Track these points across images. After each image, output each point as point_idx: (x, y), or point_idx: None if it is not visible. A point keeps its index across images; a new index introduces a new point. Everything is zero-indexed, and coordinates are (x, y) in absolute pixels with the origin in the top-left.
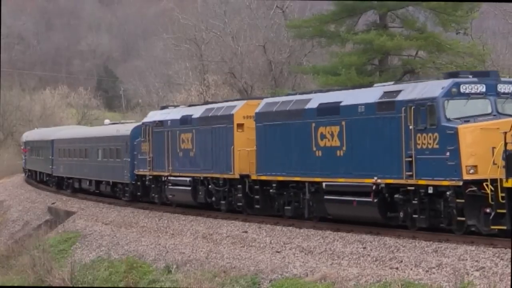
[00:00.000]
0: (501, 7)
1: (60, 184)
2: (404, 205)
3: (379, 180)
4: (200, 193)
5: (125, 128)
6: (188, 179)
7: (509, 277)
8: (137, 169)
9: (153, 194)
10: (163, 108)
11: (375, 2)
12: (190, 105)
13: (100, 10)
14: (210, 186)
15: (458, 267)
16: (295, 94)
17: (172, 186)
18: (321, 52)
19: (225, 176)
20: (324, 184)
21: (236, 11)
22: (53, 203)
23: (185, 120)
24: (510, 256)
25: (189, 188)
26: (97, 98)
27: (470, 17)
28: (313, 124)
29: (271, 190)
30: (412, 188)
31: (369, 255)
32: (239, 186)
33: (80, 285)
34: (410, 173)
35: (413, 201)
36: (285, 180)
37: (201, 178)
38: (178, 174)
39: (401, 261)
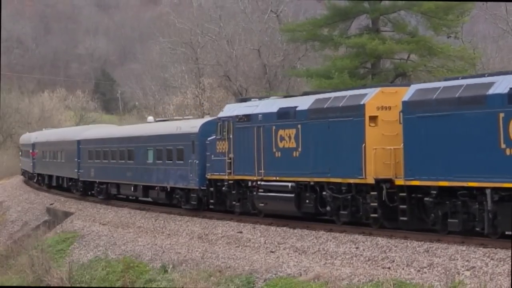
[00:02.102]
0: (491, 11)
1: (87, 190)
2: None
3: None
4: (307, 201)
5: (190, 125)
6: (289, 184)
7: (499, 277)
8: (209, 173)
9: (233, 202)
10: (243, 100)
11: (367, 6)
12: (286, 96)
13: (98, 15)
14: (324, 193)
15: (449, 266)
16: (462, 78)
17: (263, 193)
18: (315, 55)
19: (351, 180)
20: None
21: (231, 15)
22: (51, 204)
23: (286, 114)
24: (500, 256)
25: (291, 195)
26: (95, 100)
27: (461, 21)
28: (502, 115)
29: (426, 199)
30: None
31: (361, 255)
32: (373, 193)
33: (78, 285)
34: None
35: None
36: (451, 186)
37: (311, 184)
38: (274, 178)
39: (393, 261)
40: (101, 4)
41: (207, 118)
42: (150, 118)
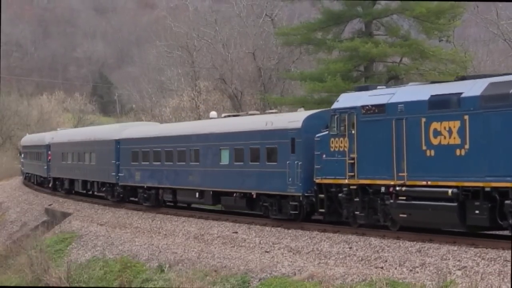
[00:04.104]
0: (483, 15)
1: (127, 196)
2: None
3: None
4: (476, 211)
5: (287, 119)
6: (449, 190)
7: (490, 276)
8: (319, 176)
9: (355, 212)
10: (361, 89)
11: (360, 10)
12: (434, 82)
13: (95, 19)
14: (509, 202)
15: (441, 266)
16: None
17: (406, 201)
18: (309, 59)
19: None
20: None
21: (226, 19)
22: (50, 205)
23: (444, 102)
24: (491, 256)
25: (452, 203)
26: (93, 103)
27: (452, 25)
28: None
29: None
30: None
31: (355, 255)
32: None
33: (76, 284)
34: None
35: None
36: None
37: (486, 190)
38: (423, 183)
39: (386, 261)
40: (98, 8)
41: (311, 111)
42: (213, 114)
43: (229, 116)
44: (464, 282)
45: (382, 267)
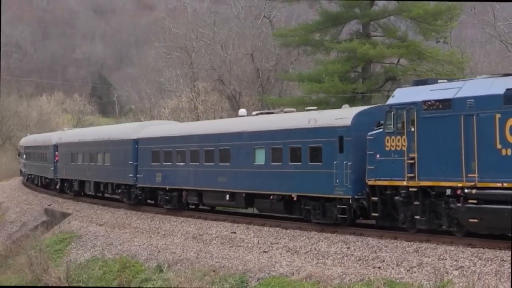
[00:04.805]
0: (479, 17)
1: (146, 198)
2: None
3: None
4: None
5: (334, 116)
6: None
7: (487, 276)
8: (372, 178)
9: (416, 216)
10: (419, 83)
11: (358, 11)
12: (506, 74)
13: (95, 20)
14: None
15: (438, 266)
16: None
17: (477, 205)
18: (307, 60)
19: None
20: None
21: (225, 20)
22: (49, 205)
23: None
24: (488, 256)
25: None
26: (92, 104)
27: (449, 27)
28: None
29: None
30: None
31: (352, 254)
32: None
33: (75, 284)
34: None
35: None
36: None
37: None
38: (498, 185)
39: (384, 261)
40: (98, 10)
41: (360, 107)
42: (243, 111)
43: (261, 113)
44: (461, 282)
45: (379, 267)
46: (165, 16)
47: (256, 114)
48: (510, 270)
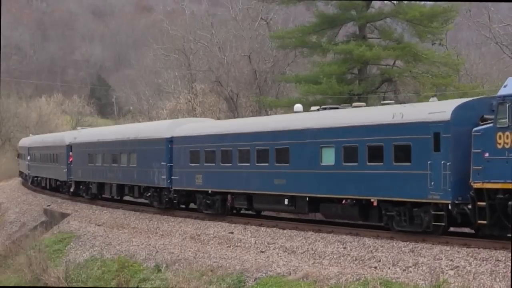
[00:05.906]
0: (475, 19)
1: (181, 202)
2: None
3: None
4: None
5: (426, 110)
6: None
7: (482, 276)
8: (480, 180)
9: None
10: None
11: (354, 13)
12: None
13: (93, 22)
14: None
15: (433, 266)
16: None
17: None
18: (303, 61)
19: None
20: None
21: (222, 23)
22: (48, 205)
23: None
24: (483, 256)
25: None
26: (91, 105)
27: (445, 29)
28: None
29: None
30: None
31: (349, 254)
32: None
33: (74, 284)
34: None
35: None
36: None
37: None
38: None
39: (380, 261)
40: (96, 12)
41: (460, 100)
42: (299, 106)
43: (324, 109)
44: (456, 281)
45: (375, 267)
46: (163, 18)
47: (318, 110)
48: (506, 270)
